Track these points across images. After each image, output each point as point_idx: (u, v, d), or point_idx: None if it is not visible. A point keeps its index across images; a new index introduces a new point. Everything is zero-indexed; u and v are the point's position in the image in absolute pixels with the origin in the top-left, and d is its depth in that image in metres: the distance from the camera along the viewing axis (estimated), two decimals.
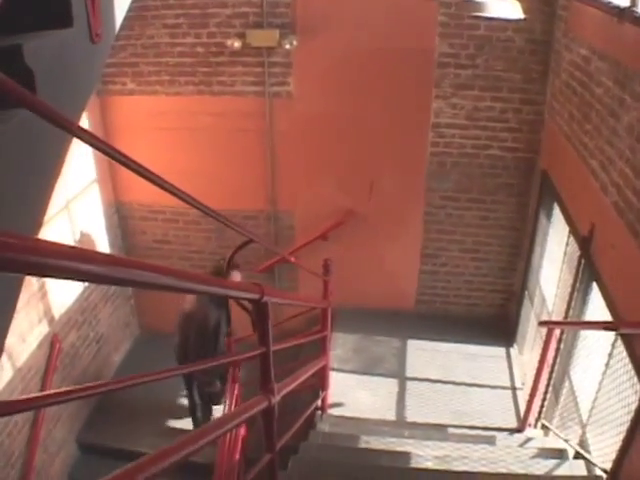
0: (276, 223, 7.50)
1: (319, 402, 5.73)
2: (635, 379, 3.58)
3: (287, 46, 6.38)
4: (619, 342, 3.96)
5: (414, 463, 4.45)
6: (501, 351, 7.14)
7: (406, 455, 4.60)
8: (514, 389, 6.57)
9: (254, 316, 2.88)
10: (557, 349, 5.26)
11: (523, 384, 6.48)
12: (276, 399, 3.06)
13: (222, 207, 6.85)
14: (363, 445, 4.94)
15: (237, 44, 6.39)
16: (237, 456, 5.05)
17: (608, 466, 3.84)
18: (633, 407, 3.52)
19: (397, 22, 6.32)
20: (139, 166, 1.99)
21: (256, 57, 6.61)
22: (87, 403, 6.82)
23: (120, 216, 7.67)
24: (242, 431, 5.11)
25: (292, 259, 6.51)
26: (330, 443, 5.06)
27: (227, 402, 5.33)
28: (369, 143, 6.91)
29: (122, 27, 2.79)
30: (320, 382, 5.58)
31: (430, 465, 4.39)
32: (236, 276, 5.65)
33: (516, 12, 4.44)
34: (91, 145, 1.78)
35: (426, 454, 4.58)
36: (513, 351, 7.17)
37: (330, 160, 7.07)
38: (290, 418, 4.41)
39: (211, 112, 6.87)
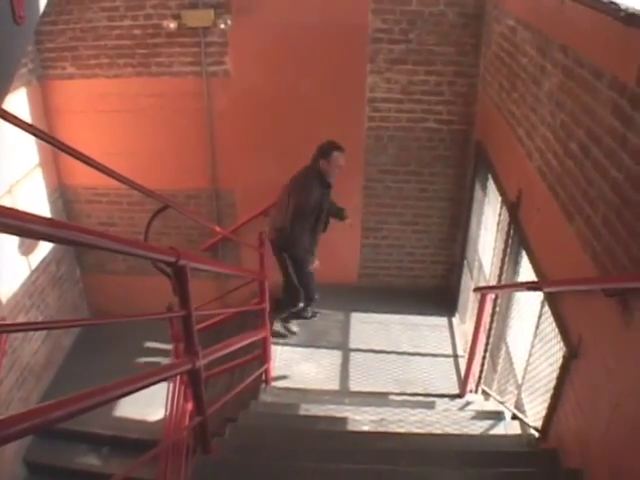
0: (218, 201, 7.52)
1: (263, 375, 5.80)
2: (559, 337, 3.71)
3: (222, 25, 6.37)
4: (547, 307, 4.09)
5: (350, 427, 4.55)
6: (443, 321, 7.29)
7: (343, 420, 4.70)
8: (456, 357, 6.72)
9: (173, 280, 2.94)
10: (492, 315, 5.40)
11: (464, 352, 6.63)
12: (201, 362, 3.13)
13: (165, 187, 6.90)
14: (302, 413, 5.02)
15: (173, 25, 6.37)
16: (184, 432, 5.08)
17: (540, 425, 3.99)
18: (559, 364, 3.66)
19: None
20: (69, 147, 2.06)
21: (192, 37, 6.59)
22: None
23: (65, 200, 7.60)
24: (189, 406, 5.14)
25: (231, 235, 6.53)
26: (270, 411, 5.13)
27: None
28: (307, 119, 6.95)
29: (46, 10, 2.78)
30: (262, 354, 5.63)
31: (366, 429, 4.49)
32: None
33: None
34: (17, 126, 1.81)
35: (363, 419, 4.69)
36: (455, 320, 7.33)
37: (269, 137, 7.10)
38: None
39: (150, 93, 6.84)
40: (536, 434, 4.06)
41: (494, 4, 5.87)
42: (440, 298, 7.65)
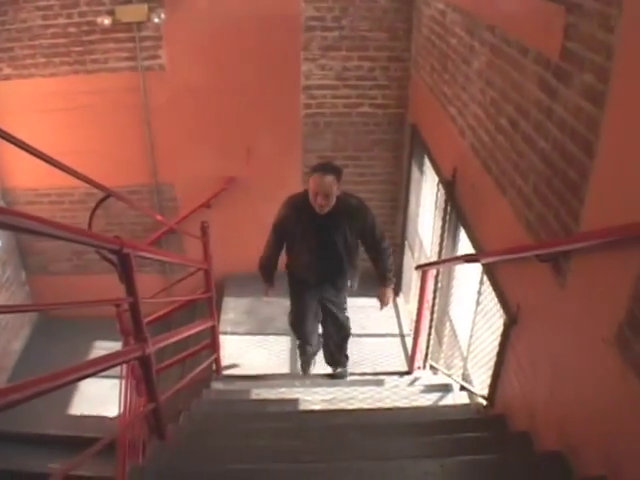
0: (159, 195, 7.50)
1: (213, 364, 5.83)
2: (499, 306, 3.85)
3: (156, 20, 6.35)
4: (485, 278, 4.24)
5: (302, 407, 4.64)
6: None
7: (294, 402, 4.78)
8: (402, 336, 6.86)
9: (118, 267, 2.98)
10: (435, 291, 5.54)
11: (411, 330, 6.77)
12: (151, 349, 3.17)
13: (106, 184, 6.79)
14: (254, 397, 5.09)
15: (107, 21, 6.34)
16: (139, 428, 5.09)
17: (486, 393, 4.13)
18: (500, 332, 3.80)
19: None
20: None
21: (127, 33, 6.55)
22: None
23: (6, 202, 7.48)
24: (142, 401, 5.15)
25: (174, 226, 6.51)
26: (222, 398, 5.18)
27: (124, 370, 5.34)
28: (244, 109, 6.99)
29: None
30: (211, 343, 5.67)
31: (317, 408, 4.59)
32: None
33: None
34: None
35: (314, 399, 4.78)
36: (400, 300, 7.47)
37: (207, 129, 7.12)
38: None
39: (88, 90, 6.77)
40: (484, 402, 4.21)
41: None
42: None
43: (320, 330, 5.89)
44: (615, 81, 2.41)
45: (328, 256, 5.02)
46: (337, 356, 5.92)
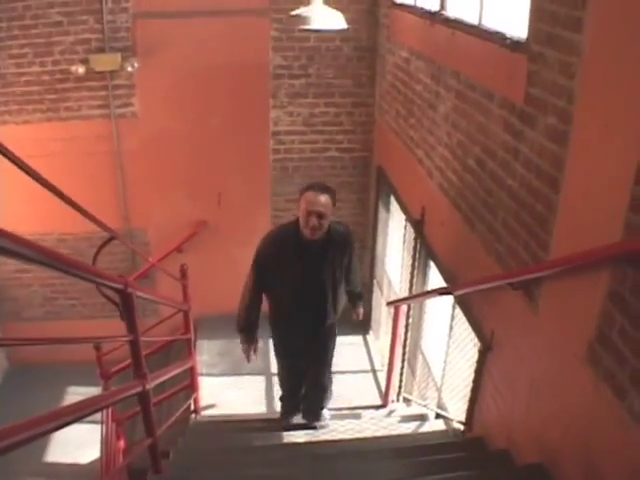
0: (132, 240, 7.62)
1: (192, 404, 5.93)
2: (473, 334, 4.08)
3: (129, 68, 6.58)
4: (458, 309, 4.47)
5: (286, 441, 4.78)
6: (358, 339, 7.60)
7: (279, 435, 4.92)
8: (374, 371, 7.03)
9: (121, 306, 3.12)
10: (407, 326, 5.75)
11: (383, 366, 6.95)
12: (150, 385, 3.31)
13: (80, 230, 6.97)
14: (238, 433, 5.22)
15: (81, 70, 6.55)
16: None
17: (464, 418, 4.33)
18: (475, 359, 4.02)
19: (233, 39, 6.69)
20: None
21: (100, 81, 6.77)
22: None
23: None
24: (121, 444, 5.23)
25: (155, 262, 6.61)
26: (208, 433, 5.30)
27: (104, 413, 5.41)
28: (215, 155, 7.22)
29: None
30: (190, 384, 5.78)
31: (301, 440, 4.73)
32: None
33: (340, 23, 4.84)
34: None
35: (297, 433, 4.92)
36: (370, 337, 7.66)
37: (179, 175, 7.32)
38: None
39: (61, 137, 6.93)
40: (461, 427, 4.40)
41: (387, 37, 6.33)
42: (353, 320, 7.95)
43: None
44: (577, 122, 2.69)
45: (313, 296, 4.48)
46: (315, 411, 5.43)
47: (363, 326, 7.77)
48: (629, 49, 2.31)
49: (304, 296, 4.46)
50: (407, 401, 5.98)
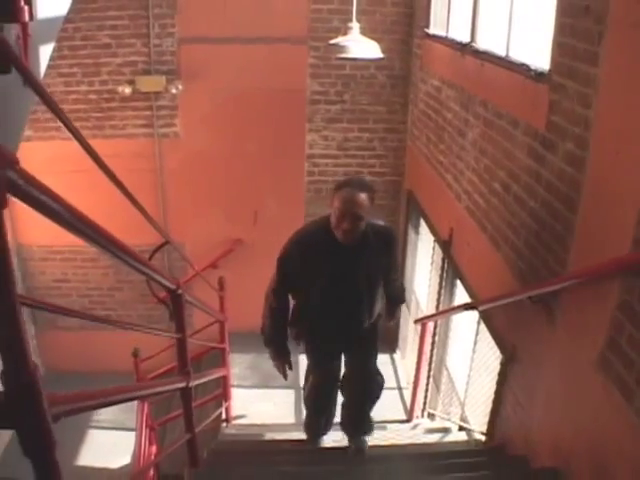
0: (169, 255, 7.94)
1: (223, 412, 6.18)
2: (495, 348, 4.30)
3: (173, 90, 6.94)
4: (482, 324, 4.69)
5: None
6: (386, 357, 7.80)
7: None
8: (400, 389, 7.24)
9: (171, 306, 3.38)
10: (433, 343, 5.97)
11: (408, 383, 7.15)
12: (192, 382, 3.57)
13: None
14: (268, 438, 5.46)
15: (127, 90, 6.92)
16: (151, 472, 5.41)
17: (485, 429, 4.53)
18: (497, 371, 4.24)
19: (272, 65, 7.04)
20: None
21: (145, 102, 7.14)
22: None
23: (20, 258, 7.88)
24: (153, 449, 5.48)
25: (199, 271, 6.84)
26: (238, 437, 5.54)
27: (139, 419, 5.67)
28: (252, 175, 7.52)
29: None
30: (223, 393, 6.04)
31: (330, 445, 4.95)
32: None
33: (376, 52, 5.10)
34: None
35: (326, 439, 5.14)
36: (396, 356, 7.88)
37: (217, 194, 7.63)
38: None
39: (105, 154, 7.17)
40: (483, 438, 4.60)
41: (419, 66, 6.63)
42: (381, 338, 8.16)
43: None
44: (593, 148, 2.93)
45: (345, 302, 3.96)
46: (359, 422, 4.72)
47: (390, 345, 7.99)
48: (636, 83, 2.56)
49: (333, 302, 3.92)
50: (431, 416, 6.18)
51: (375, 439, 5.26)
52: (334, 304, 3.94)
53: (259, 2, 6.93)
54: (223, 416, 6.27)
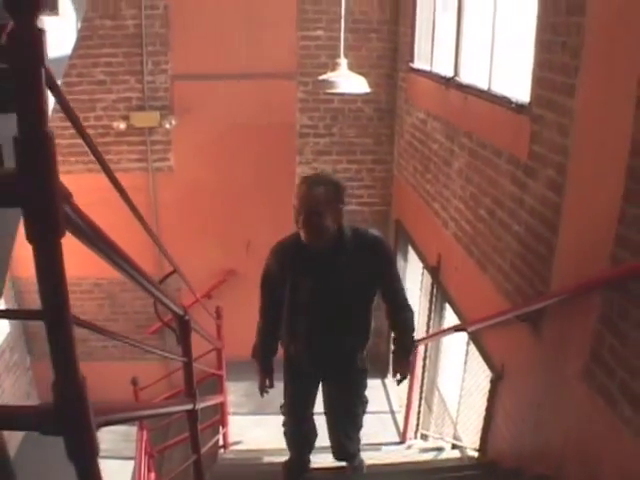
0: (164, 286, 8.06)
1: (221, 439, 6.30)
2: (485, 366, 4.50)
3: (167, 126, 7.18)
4: (471, 345, 4.89)
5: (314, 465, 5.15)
6: (377, 382, 7.97)
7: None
8: (392, 412, 7.39)
9: (178, 331, 3.53)
10: (424, 365, 6.15)
11: (400, 407, 7.31)
12: (198, 405, 3.72)
13: (114, 275, 7.33)
14: (267, 461, 5.60)
15: (122, 125, 7.14)
16: None
17: (477, 445, 4.71)
18: (488, 389, 4.43)
19: (263, 100, 7.30)
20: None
21: (139, 136, 7.36)
22: None
23: (16, 291, 8.01)
24: (152, 476, 5.60)
25: (200, 299, 6.98)
26: (237, 462, 5.67)
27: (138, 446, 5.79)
28: (245, 207, 7.74)
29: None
30: (220, 419, 6.17)
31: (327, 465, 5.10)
32: None
33: (363, 87, 5.32)
34: None
35: (324, 461, 5.29)
36: (388, 381, 8.04)
37: (210, 225, 7.82)
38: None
39: (100, 187, 7.39)
40: (476, 454, 4.77)
41: (405, 99, 6.90)
42: (373, 363, 8.31)
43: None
44: (570, 175, 3.17)
45: (330, 320, 3.65)
46: (349, 448, 4.61)
47: (381, 370, 8.15)
48: (610, 113, 2.80)
49: (317, 316, 3.67)
50: (424, 437, 6.34)
51: (370, 459, 5.42)
52: (319, 319, 3.67)
53: (249, 39, 7.20)
54: (220, 442, 6.39)
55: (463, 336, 4.98)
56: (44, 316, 1.22)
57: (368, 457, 5.46)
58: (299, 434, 4.50)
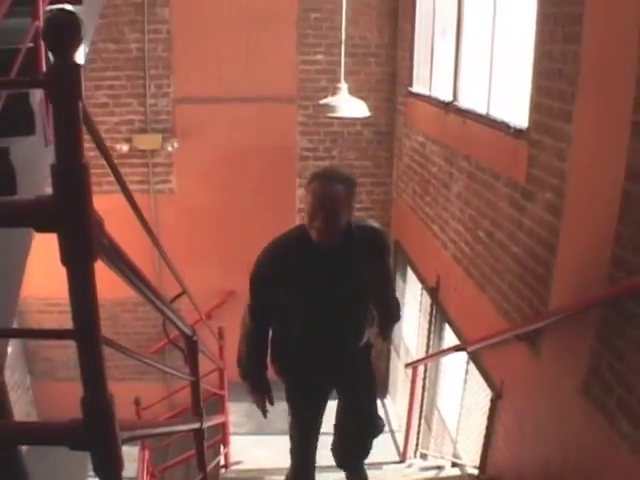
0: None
1: (222, 458, 6.34)
2: (485, 385, 4.57)
3: (169, 148, 7.29)
4: (471, 364, 4.97)
5: None
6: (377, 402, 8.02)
7: None
8: (392, 432, 7.43)
9: (186, 351, 3.60)
10: (423, 385, 6.21)
11: (400, 427, 7.35)
12: (205, 424, 3.78)
13: (116, 296, 7.43)
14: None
15: (125, 148, 7.25)
16: None
17: (477, 463, 4.76)
18: (487, 408, 4.49)
19: (264, 123, 7.42)
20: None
21: (141, 159, 7.47)
22: None
23: (17, 311, 8.04)
24: None
25: (204, 319, 7.04)
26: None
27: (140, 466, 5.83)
28: (245, 229, 7.79)
29: None
30: (222, 439, 6.21)
31: None
32: None
33: (362, 110, 5.43)
34: None
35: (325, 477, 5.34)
36: (387, 401, 8.08)
37: (210, 246, 7.89)
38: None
39: (103, 209, 7.44)
40: (475, 472, 4.82)
41: (404, 123, 7.02)
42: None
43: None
44: (568, 198, 3.27)
45: (329, 319, 3.37)
46: (358, 456, 4.43)
47: (381, 390, 8.20)
48: (606, 138, 2.90)
49: (317, 320, 3.40)
50: (424, 456, 6.38)
51: (371, 479, 5.47)
52: (318, 322, 3.40)
53: (250, 63, 7.32)
54: (222, 462, 6.43)
55: (463, 356, 5.04)
56: (76, 335, 1.30)
57: (372, 475, 5.52)
58: (310, 449, 4.34)
